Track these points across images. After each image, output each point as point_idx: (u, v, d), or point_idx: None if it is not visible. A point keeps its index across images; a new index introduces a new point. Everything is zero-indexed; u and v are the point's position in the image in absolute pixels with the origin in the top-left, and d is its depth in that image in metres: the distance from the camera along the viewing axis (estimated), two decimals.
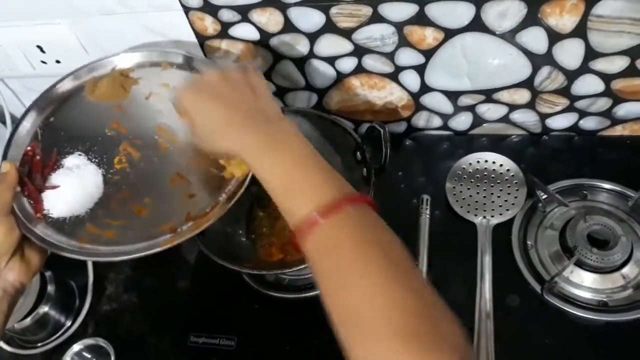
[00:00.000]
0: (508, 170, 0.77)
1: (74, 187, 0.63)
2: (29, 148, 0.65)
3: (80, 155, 0.66)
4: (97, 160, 0.65)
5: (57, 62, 0.81)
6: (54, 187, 0.62)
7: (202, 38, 0.74)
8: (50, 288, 0.79)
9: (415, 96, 0.78)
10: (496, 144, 0.82)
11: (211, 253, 0.63)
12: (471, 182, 0.77)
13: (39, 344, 0.78)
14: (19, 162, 0.64)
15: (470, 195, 0.76)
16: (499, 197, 0.75)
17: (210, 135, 0.54)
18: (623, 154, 0.78)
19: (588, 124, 0.78)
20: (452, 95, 0.77)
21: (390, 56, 0.72)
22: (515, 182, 0.76)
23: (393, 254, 0.45)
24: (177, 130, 0.65)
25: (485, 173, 0.78)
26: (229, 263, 0.62)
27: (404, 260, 0.45)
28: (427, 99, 0.78)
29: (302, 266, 0.62)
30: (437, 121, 0.83)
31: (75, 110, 0.69)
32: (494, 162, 0.78)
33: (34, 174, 0.63)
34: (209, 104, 0.54)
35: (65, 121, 0.68)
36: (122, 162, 0.65)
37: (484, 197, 0.75)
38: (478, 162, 0.79)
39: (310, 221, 0.45)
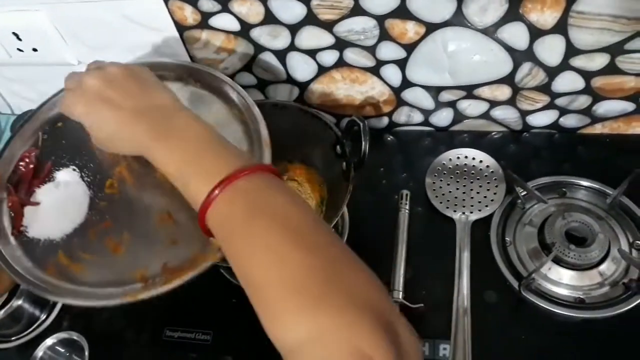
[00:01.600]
0: (488, 166, 0.77)
1: (56, 207, 0.60)
2: (25, 153, 0.62)
3: (74, 170, 0.62)
4: (89, 180, 0.61)
5: (34, 50, 0.80)
6: (35, 204, 0.59)
7: (181, 28, 0.73)
8: None
9: (397, 91, 0.78)
10: (477, 140, 0.82)
11: None
12: (451, 178, 0.77)
13: (13, 338, 0.77)
14: (12, 167, 0.61)
15: (450, 191, 0.76)
16: (478, 193, 0.75)
17: (106, 139, 0.54)
18: (602, 152, 0.78)
19: (568, 121, 0.78)
20: (433, 91, 0.77)
21: (371, 50, 0.72)
22: (495, 179, 0.76)
23: (290, 218, 0.43)
24: None
25: (465, 169, 0.78)
26: None
27: (303, 222, 0.43)
28: (408, 94, 0.78)
29: None
30: (418, 117, 0.82)
31: None
32: (473, 159, 0.78)
33: (22, 184, 0.60)
34: (95, 109, 0.52)
35: (71, 128, 0.63)
36: (113, 187, 0.60)
37: (464, 193, 0.75)
38: (458, 158, 0.79)
39: (206, 200, 0.45)
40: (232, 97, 0.63)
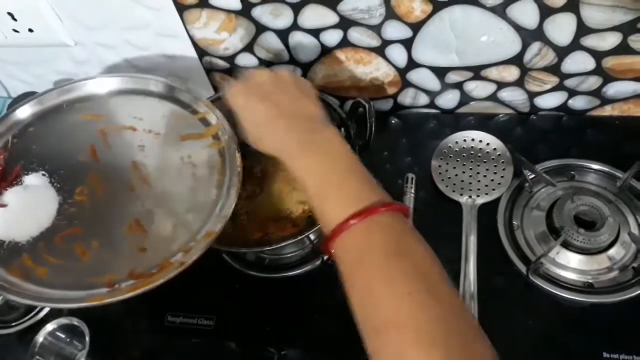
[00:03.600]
0: (495, 149, 0.75)
1: (23, 210, 0.60)
2: None
3: (44, 175, 0.63)
4: (58, 186, 0.62)
5: (30, 30, 0.78)
6: (1, 206, 0.59)
7: (181, 7, 0.71)
8: None
9: (402, 72, 0.76)
10: (484, 123, 0.80)
11: None
12: (457, 161, 0.76)
13: (13, 324, 0.76)
14: None
15: (456, 175, 0.74)
16: (485, 176, 0.73)
17: (256, 131, 0.56)
18: (612, 135, 0.76)
19: (577, 103, 0.77)
20: (440, 72, 0.75)
21: (376, 29, 0.70)
22: (502, 162, 0.74)
23: (422, 265, 0.44)
24: (153, 172, 0.62)
25: (472, 152, 0.76)
26: None
27: (434, 272, 0.44)
28: (413, 75, 0.76)
29: (283, 244, 0.60)
30: (423, 99, 0.81)
31: (57, 124, 0.66)
32: (480, 141, 0.77)
33: None
34: (258, 104, 0.55)
35: (42, 134, 0.65)
36: (83, 194, 0.61)
37: (470, 176, 0.74)
38: (465, 140, 0.77)
39: (341, 225, 0.46)
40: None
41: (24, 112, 0.67)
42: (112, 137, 0.65)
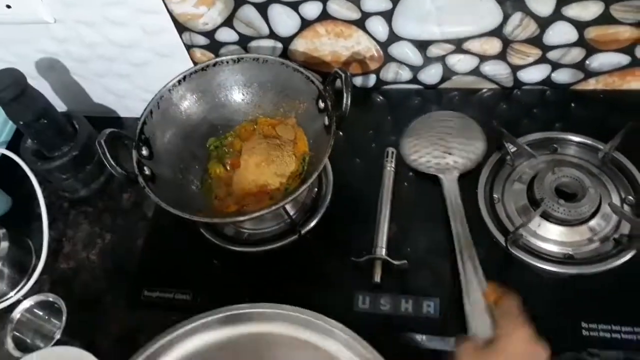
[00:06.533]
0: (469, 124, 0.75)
1: None
2: None
3: None
4: None
5: (8, 7, 0.77)
6: None
7: None
8: (4, 245, 0.76)
9: (383, 46, 0.75)
10: (467, 98, 0.80)
11: (162, 201, 0.60)
12: (431, 137, 0.75)
13: None
14: None
15: (435, 150, 0.73)
16: (462, 151, 0.72)
17: None
18: (596, 108, 0.75)
19: (561, 76, 0.76)
20: (421, 45, 0.74)
21: (356, 1, 0.69)
22: (477, 136, 0.73)
23: None
24: None
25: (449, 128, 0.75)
26: (180, 211, 0.59)
27: None
28: (395, 49, 0.75)
29: (258, 214, 0.59)
30: (406, 74, 0.80)
31: None
32: (454, 119, 0.76)
33: None
34: None
35: None
36: None
37: (448, 151, 0.73)
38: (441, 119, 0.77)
39: None
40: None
41: None
42: None
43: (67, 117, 0.85)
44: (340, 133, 0.66)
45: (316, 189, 0.73)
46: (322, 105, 0.67)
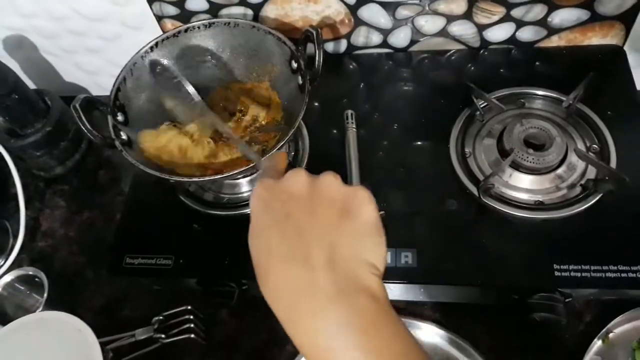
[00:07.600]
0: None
1: None
2: None
3: None
4: None
5: None
6: None
7: None
8: None
9: (352, 9, 0.76)
10: (436, 60, 0.81)
11: (139, 163, 0.61)
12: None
13: None
14: None
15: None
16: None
17: (262, 282, 0.39)
18: (560, 64, 0.78)
19: (525, 34, 0.78)
20: (389, 7, 0.75)
21: None
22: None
23: None
24: None
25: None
26: (159, 172, 0.60)
27: None
28: (364, 12, 0.77)
29: (234, 172, 0.60)
30: (376, 38, 0.81)
31: None
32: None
33: None
34: (272, 240, 0.39)
35: None
36: None
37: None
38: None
39: None
40: None
41: None
42: None
43: (38, 94, 0.84)
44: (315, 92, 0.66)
45: (293, 153, 0.74)
46: (295, 65, 0.67)
